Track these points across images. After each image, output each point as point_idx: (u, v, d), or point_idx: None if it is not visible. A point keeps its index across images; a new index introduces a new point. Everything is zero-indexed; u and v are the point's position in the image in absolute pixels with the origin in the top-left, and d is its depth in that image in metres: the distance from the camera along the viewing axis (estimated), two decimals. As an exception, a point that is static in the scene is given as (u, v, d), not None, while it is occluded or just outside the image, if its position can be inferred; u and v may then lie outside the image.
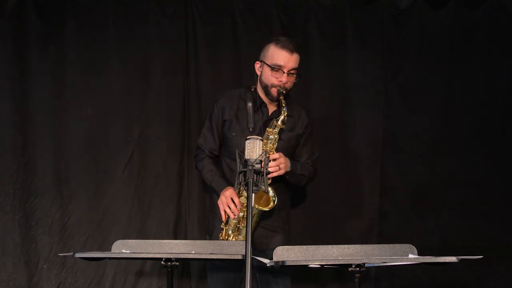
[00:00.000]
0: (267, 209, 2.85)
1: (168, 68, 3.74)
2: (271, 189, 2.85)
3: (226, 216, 2.89)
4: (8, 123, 3.66)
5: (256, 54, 3.54)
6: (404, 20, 3.81)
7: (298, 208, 3.77)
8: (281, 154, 2.87)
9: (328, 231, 3.80)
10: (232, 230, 2.90)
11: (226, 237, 2.91)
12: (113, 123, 3.72)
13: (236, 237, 2.89)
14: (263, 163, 2.31)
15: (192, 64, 3.75)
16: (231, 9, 3.75)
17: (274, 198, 2.84)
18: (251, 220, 2.82)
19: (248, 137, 2.41)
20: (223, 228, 2.92)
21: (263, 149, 2.78)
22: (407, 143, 3.84)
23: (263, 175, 2.31)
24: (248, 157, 2.33)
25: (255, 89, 3.03)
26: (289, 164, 2.91)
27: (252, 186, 2.27)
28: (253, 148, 2.35)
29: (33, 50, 3.66)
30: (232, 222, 2.90)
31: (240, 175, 2.32)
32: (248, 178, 2.28)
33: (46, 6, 3.66)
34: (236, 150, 2.80)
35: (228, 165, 3.04)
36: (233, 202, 2.84)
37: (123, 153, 3.72)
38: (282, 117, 2.87)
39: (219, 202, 2.89)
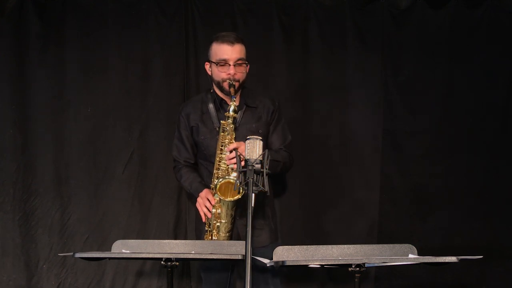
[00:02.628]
0: (233, 199, 2.80)
1: (168, 68, 3.74)
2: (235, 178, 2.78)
3: (205, 217, 2.91)
4: (8, 123, 3.66)
5: (257, 54, 3.56)
6: (404, 20, 3.81)
7: (298, 208, 3.78)
8: (241, 142, 2.79)
9: (328, 231, 3.80)
10: (214, 229, 2.90)
11: (210, 237, 2.91)
12: (113, 123, 3.72)
13: (217, 235, 2.89)
14: (263, 163, 2.30)
15: (192, 64, 3.75)
16: (231, 9, 3.75)
17: (240, 188, 2.67)
18: (227, 214, 2.85)
19: (248, 137, 2.41)
20: (207, 230, 2.93)
21: (222, 142, 2.86)
22: (407, 143, 3.83)
23: (263, 174, 2.30)
24: (248, 157, 2.33)
25: (213, 90, 3.06)
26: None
27: (252, 186, 2.27)
28: (253, 148, 2.35)
29: (33, 50, 3.66)
30: (211, 220, 2.90)
31: (240, 175, 2.31)
32: (248, 178, 2.27)
33: (46, 6, 3.66)
34: (236, 150, 2.82)
35: (205, 167, 3.05)
36: (208, 200, 2.88)
37: (123, 153, 3.72)
38: (232, 107, 2.86)
39: (197, 205, 2.95)
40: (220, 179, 2.82)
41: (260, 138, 2.40)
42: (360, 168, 3.81)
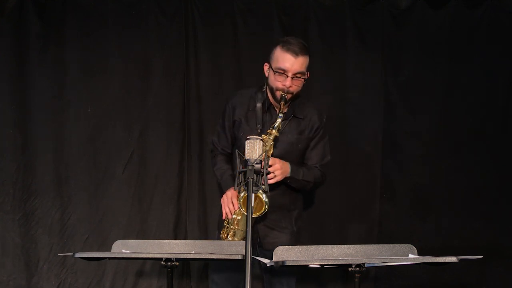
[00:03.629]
0: (257, 215, 2.76)
1: (168, 68, 3.74)
2: (264, 195, 2.72)
3: (226, 215, 2.90)
4: (8, 123, 3.67)
5: (257, 54, 3.55)
6: (404, 20, 3.81)
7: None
8: (276, 159, 2.79)
9: (328, 231, 3.80)
10: (230, 232, 2.89)
11: (226, 235, 2.90)
12: (113, 123, 3.72)
13: (233, 237, 2.88)
14: (263, 163, 2.30)
15: (192, 64, 3.75)
16: (231, 9, 3.75)
17: (266, 204, 2.71)
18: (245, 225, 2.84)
19: (248, 137, 2.41)
20: (225, 226, 2.92)
21: (263, 149, 2.79)
22: (407, 143, 3.84)
23: (263, 175, 2.30)
24: (248, 157, 2.32)
25: (266, 90, 2.95)
26: (288, 169, 2.84)
27: (252, 186, 2.27)
28: (253, 148, 2.34)
29: (33, 50, 3.66)
30: (231, 221, 2.89)
31: (240, 175, 2.31)
32: (248, 178, 2.27)
33: (46, 6, 3.66)
34: (236, 150, 2.81)
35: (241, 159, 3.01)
36: (232, 203, 2.84)
37: (123, 153, 3.72)
38: (276, 124, 2.80)
39: (222, 201, 2.90)
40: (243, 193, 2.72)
41: (260, 138, 2.39)
42: (360, 168, 3.81)
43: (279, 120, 2.80)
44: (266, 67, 2.92)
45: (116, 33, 3.71)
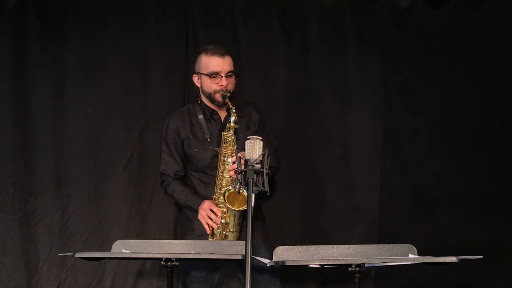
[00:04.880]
0: (242, 208, 2.82)
1: (168, 68, 3.74)
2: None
3: (210, 229, 2.91)
4: (8, 123, 3.66)
5: (257, 54, 3.56)
6: (404, 20, 3.81)
7: (298, 208, 3.78)
8: (243, 153, 2.79)
9: (328, 231, 3.80)
10: (223, 239, 2.89)
11: None
12: (113, 123, 3.72)
13: None
14: (263, 163, 2.30)
15: (192, 64, 3.74)
16: (231, 9, 3.75)
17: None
18: (235, 224, 2.85)
19: (248, 137, 2.41)
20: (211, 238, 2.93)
21: (224, 153, 2.87)
22: (407, 143, 3.84)
23: (263, 175, 2.30)
24: (248, 157, 2.32)
25: (201, 101, 3.07)
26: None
27: (252, 186, 2.27)
28: (253, 148, 2.34)
29: (33, 50, 3.66)
30: (217, 231, 2.90)
31: (240, 175, 2.31)
32: (248, 178, 2.27)
33: (46, 6, 3.66)
34: (236, 150, 2.82)
35: (198, 178, 3.05)
36: (213, 212, 2.87)
37: (123, 153, 3.72)
38: (233, 118, 2.89)
39: (200, 218, 2.93)
40: (230, 188, 2.81)
41: (260, 138, 2.40)
42: (360, 168, 3.81)
43: (233, 114, 2.89)
44: (195, 78, 3.06)
45: (116, 33, 3.70)
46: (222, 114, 3.06)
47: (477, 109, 3.82)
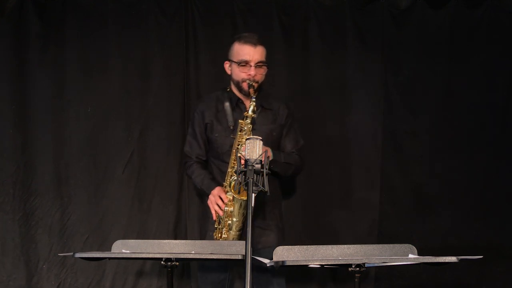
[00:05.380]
0: (246, 198, 2.77)
1: (168, 68, 3.74)
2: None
3: (217, 215, 2.91)
4: (8, 123, 3.66)
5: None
6: (404, 20, 3.81)
7: (298, 208, 3.77)
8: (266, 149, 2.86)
9: (328, 231, 3.80)
10: (225, 227, 2.90)
11: (220, 235, 2.91)
12: (113, 123, 3.72)
13: (228, 233, 2.89)
14: (263, 163, 2.30)
15: (192, 64, 3.75)
16: (231, 9, 3.75)
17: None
18: (239, 213, 2.85)
19: (248, 137, 2.42)
20: (216, 228, 2.93)
21: (239, 141, 2.86)
22: (407, 143, 3.84)
23: (263, 175, 2.30)
24: (248, 157, 2.33)
25: (230, 89, 3.08)
26: (271, 153, 2.90)
27: (252, 186, 2.27)
28: (253, 148, 2.35)
29: (33, 50, 3.66)
30: (222, 218, 2.91)
31: (240, 175, 2.31)
32: (248, 178, 2.27)
33: (46, 6, 3.66)
34: (236, 150, 2.82)
35: (217, 166, 3.06)
36: (221, 198, 2.88)
37: (123, 153, 3.72)
38: (251, 107, 2.89)
39: (209, 202, 2.95)
40: (235, 177, 2.82)
41: (260, 138, 2.40)
42: (360, 168, 3.81)
43: (253, 103, 2.88)
44: (227, 64, 3.06)
45: (116, 33, 3.71)
46: (248, 103, 3.01)
47: (477, 109, 3.82)
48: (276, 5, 3.75)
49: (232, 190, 2.84)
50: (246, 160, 2.32)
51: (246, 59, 2.94)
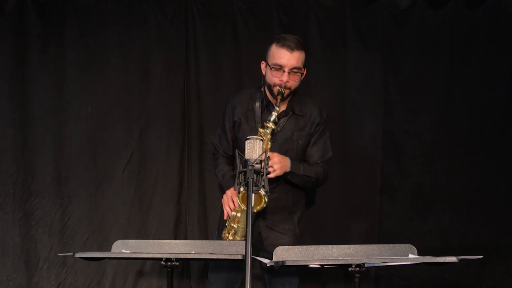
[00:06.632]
0: (257, 210, 2.75)
1: (168, 68, 3.74)
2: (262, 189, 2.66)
3: (227, 215, 2.90)
4: (8, 123, 3.67)
5: (256, 54, 3.54)
6: (404, 20, 3.81)
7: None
8: (275, 153, 2.78)
9: (328, 231, 3.80)
10: (231, 230, 2.90)
11: (228, 234, 2.90)
12: (113, 123, 3.72)
13: (233, 236, 2.89)
14: (263, 163, 2.30)
15: (192, 64, 3.75)
16: (231, 9, 3.75)
17: (265, 198, 2.69)
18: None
19: (248, 137, 2.41)
20: (226, 226, 2.92)
21: (263, 149, 2.79)
22: (407, 143, 3.84)
23: (263, 175, 2.30)
24: (248, 157, 2.32)
25: (264, 89, 2.97)
26: (288, 164, 2.82)
27: (252, 186, 2.27)
28: (253, 148, 2.34)
29: (33, 50, 3.66)
30: (230, 223, 2.90)
31: (240, 175, 2.31)
32: (248, 178, 2.27)
33: (46, 6, 3.66)
34: (236, 150, 2.81)
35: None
36: (232, 201, 2.84)
37: (123, 153, 3.72)
38: (272, 117, 2.79)
39: (223, 200, 2.90)
40: (242, 190, 2.74)
41: (260, 138, 2.39)
42: (360, 168, 3.81)
43: (274, 113, 2.79)
44: (263, 65, 2.95)
45: (116, 33, 3.71)
46: (280, 108, 2.89)
47: (477, 109, 3.82)
48: (276, 5, 3.75)
49: (241, 201, 2.74)
50: (246, 160, 2.31)
51: (280, 63, 2.80)
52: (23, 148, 3.68)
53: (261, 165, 2.30)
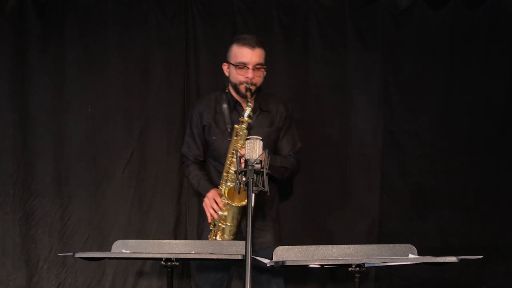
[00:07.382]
0: (240, 205, 2.82)
1: (168, 68, 3.74)
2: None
3: (211, 218, 2.92)
4: (8, 123, 3.66)
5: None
6: (404, 20, 3.81)
7: (298, 207, 3.77)
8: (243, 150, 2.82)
9: (328, 231, 3.80)
10: (219, 230, 2.91)
11: (215, 237, 2.92)
12: (113, 123, 3.72)
13: (222, 237, 2.90)
14: (263, 162, 2.30)
15: (192, 64, 3.75)
16: (231, 9, 3.75)
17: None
18: (233, 218, 2.85)
19: (248, 137, 2.41)
20: (211, 230, 2.94)
21: (234, 147, 2.85)
22: (407, 143, 3.84)
23: (262, 175, 2.30)
24: (248, 157, 2.32)
25: (229, 90, 3.05)
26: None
27: (252, 186, 2.27)
28: (253, 148, 2.34)
29: (33, 50, 3.66)
30: (216, 222, 2.91)
31: (240, 175, 2.31)
32: (248, 178, 2.27)
33: (46, 6, 3.66)
34: (235, 150, 2.82)
35: (214, 167, 3.06)
36: (216, 202, 2.88)
37: (123, 153, 3.72)
38: (246, 112, 2.87)
39: (204, 205, 2.95)
40: (229, 184, 2.82)
41: (260, 138, 2.40)
42: (360, 168, 3.81)
43: (248, 108, 2.86)
44: (225, 66, 3.03)
45: (116, 33, 3.70)
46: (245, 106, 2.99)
47: (477, 109, 3.82)
48: (276, 5, 3.75)
49: (227, 197, 2.83)
50: (246, 160, 2.31)
51: (244, 61, 2.90)
52: (23, 148, 3.68)
53: (261, 165, 2.30)
